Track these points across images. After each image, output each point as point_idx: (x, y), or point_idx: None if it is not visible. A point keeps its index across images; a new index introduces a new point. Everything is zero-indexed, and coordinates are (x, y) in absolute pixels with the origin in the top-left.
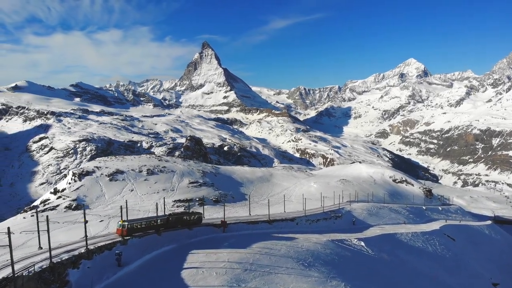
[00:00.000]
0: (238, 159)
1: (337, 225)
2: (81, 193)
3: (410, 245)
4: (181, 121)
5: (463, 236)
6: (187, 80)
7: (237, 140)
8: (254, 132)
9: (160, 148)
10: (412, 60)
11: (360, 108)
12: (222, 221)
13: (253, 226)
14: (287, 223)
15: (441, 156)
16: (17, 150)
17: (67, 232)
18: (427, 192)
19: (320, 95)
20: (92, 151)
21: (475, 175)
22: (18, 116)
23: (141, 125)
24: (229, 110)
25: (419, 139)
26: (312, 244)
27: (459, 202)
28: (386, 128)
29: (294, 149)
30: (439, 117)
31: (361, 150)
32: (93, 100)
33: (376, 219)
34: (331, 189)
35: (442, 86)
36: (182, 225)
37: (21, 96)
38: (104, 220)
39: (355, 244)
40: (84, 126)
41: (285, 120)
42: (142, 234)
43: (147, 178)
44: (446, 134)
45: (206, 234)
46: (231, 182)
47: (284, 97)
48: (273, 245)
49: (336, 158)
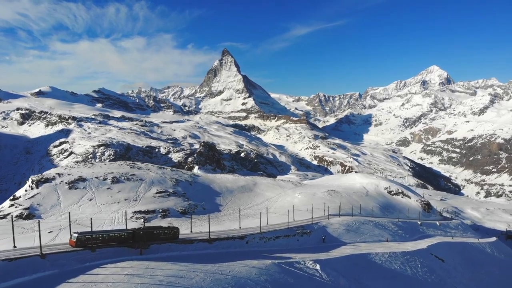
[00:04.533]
0: (255, 166)
1: (301, 243)
2: (36, 202)
3: (385, 268)
4: (199, 127)
5: (456, 256)
6: (206, 86)
7: (254, 146)
8: (271, 138)
9: (177, 154)
10: (434, 67)
11: (381, 115)
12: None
13: (184, 247)
14: (234, 242)
15: (463, 166)
16: (39, 154)
17: (10, 242)
18: (425, 205)
19: (340, 102)
20: (110, 156)
21: (498, 185)
22: (40, 120)
23: (160, 130)
24: (247, 117)
25: (441, 148)
26: (246, 269)
27: (473, 215)
28: (408, 136)
29: (312, 156)
30: (462, 125)
31: (381, 159)
32: (115, 106)
33: (353, 236)
34: (316, 201)
35: (466, 94)
36: (153, 240)
37: (45, 101)
38: (53, 231)
39: (307, 268)
40: (104, 131)
41: (303, 127)
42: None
43: (111, 187)
44: (469, 143)
45: (116, 256)
46: (208, 191)
47: (303, 104)
48: (187, 271)
49: (355, 166)
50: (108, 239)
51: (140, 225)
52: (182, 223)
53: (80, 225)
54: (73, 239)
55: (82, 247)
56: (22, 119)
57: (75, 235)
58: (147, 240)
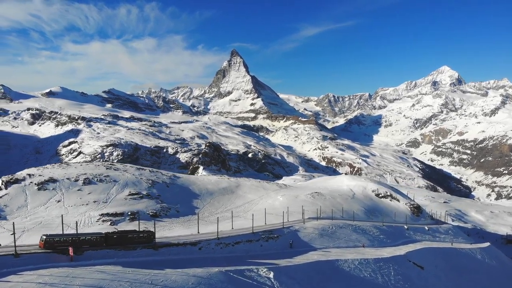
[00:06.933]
0: (262, 167)
1: (265, 248)
2: (2, 202)
3: (352, 276)
4: (207, 128)
5: (440, 263)
6: (215, 87)
7: (262, 147)
8: (279, 139)
9: (185, 154)
10: (445, 67)
11: (391, 116)
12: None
13: (125, 253)
14: (185, 248)
15: (474, 167)
16: (48, 153)
17: None
18: (415, 208)
19: (349, 103)
20: (118, 156)
21: (509, 187)
22: (50, 121)
23: (168, 131)
24: (255, 117)
25: (452, 149)
26: (184, 278)
27: (477, 218)
28: (418, 137)
29: (320, 157)
30: (473, 126)
31: (390, 160)
32: (124, 106)
33: (326, 241)
34: (298, 203)
35: (477, 94)
36: (127, 243)
37: (55, 101)
38: (16, 233)
39: (258, 276)
40: (113, 132)
41: (312, 127)
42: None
43: (81, 188)
44: (480, 144)
45: (44, 262)
46: (185, 193)
47: (312, 105)
48: (111, 281)
49: (364, 167)
50: (79, 242)
51: (115, 228)
52: (151, 226)
53: (45, 227)
54: (41, 241)
55: (51, 249)
56: (32, 119)
57: (44, 237)
58: (120, 243)
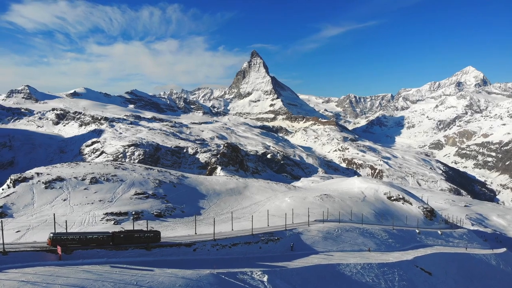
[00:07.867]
0: (281, 167)
1: (264, 251)
2: (10, 201)
3: (354, 281)
4: (226, 128)
5: (451, 269)
6: (235, 88)
7: (281, 148)
8: (299, 140)
9: (204, 154)
10: (470, 68)
11: (413, 117)
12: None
13: (116, 253)
14: (179, 249)
15: (499, 170)
16: (72, 153)
17: None
18: (428, 212)
19: (371, 104)
20: (140, 156)
21: None
22: (74, 121)
23: (189, 131)
24: (275, 118)
25: (476, 152)
26: (171, 279)
27: (498, 222)
28: (441, 139)
29: (341, 158)
30: (498, 128)
31: (412, 162)
32: (147, 107)
33: (330, 244)
34: (305, 205)
35: (502, 95)
36: (134, 243)
37: (79, 102)
38: (21, 231)
39: (251, 279)
40: (135, 132)
41: (332, 128)
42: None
43: (88, 187)
44: (505, 146)
45: (32, 260)
46: (192, 194)
47: (333, 105)
48: (94, 281)
49: (385, 169)
50: (85, 240)
51: (121, 228)
52: (155, 226)
53: (49, 225)
54: (49, 238)
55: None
56: (57, 119)
57: (51, 235)
58: (127, 243)
